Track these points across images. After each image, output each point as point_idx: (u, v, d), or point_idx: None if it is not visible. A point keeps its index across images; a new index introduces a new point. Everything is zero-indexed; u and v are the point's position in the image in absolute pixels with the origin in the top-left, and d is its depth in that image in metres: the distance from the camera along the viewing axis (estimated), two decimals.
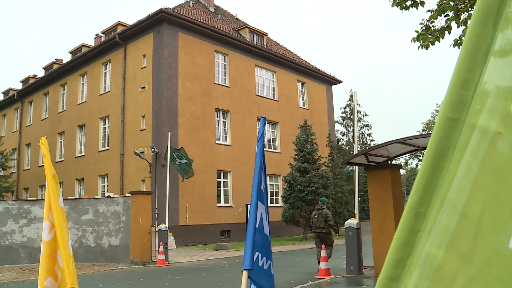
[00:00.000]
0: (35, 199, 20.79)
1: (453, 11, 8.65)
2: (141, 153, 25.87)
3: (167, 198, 22.10)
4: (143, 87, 27.10)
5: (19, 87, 43.82)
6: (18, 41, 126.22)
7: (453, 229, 1.00)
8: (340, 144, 47.97)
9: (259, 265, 3.75)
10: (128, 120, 27.99)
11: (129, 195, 18.17)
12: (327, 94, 38.88)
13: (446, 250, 1.00)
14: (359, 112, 51.52)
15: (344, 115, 53.17)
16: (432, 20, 8.92)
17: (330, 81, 39.17)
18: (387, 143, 11.65)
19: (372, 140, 52.72)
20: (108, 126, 29.90)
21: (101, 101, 30.50)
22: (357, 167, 17.72)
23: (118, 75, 29.21)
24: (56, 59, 40.86)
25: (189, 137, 26.62)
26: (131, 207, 17.62)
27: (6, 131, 42.58)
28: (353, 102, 31.08)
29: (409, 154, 13.32)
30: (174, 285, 12.50)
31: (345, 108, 53.15)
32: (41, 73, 41.90)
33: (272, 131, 32.93)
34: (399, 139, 11.26)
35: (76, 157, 32.33)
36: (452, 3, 8.62)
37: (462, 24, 8.75)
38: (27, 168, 38.43)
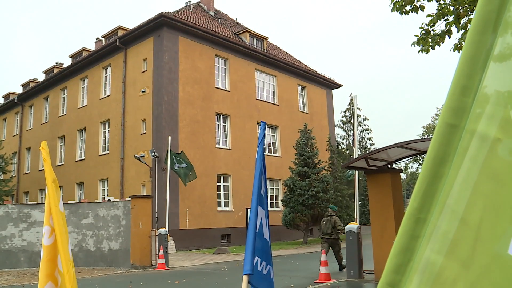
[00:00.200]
0: (35, 203, 20.77)
1: (453, 16, 8.67)
2: (141, 157, 25.88)
3: (167, 202, 22.08)
4: (144, 91, 27.13)
5: (20, 91, 43.89)
6: (18, 45, 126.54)
7: (452, 235, 1.00)
8: (340, 148, 47.97)
9: (258, 270, 3.76)
10: (128, 124, 28.00)
11: (129, 199, 18.14)
12: (327, 98, 38.90)
13: (446, 256, 1.01)
14: (359, 116, 51.56)
15: (344, 119, 53.24)
16: (432, 24, 8.94)
17: (330, 85, 39.20)
18: (387, 147, 11.65)
19: (372, 144, 52.77)
20: (108, 130, 29.91)
21: (102, 105, 30.52)
22: (357, 171, 17.71)
23: (118, 79, 29.25)
24: (56, 63, 40.90)
25: (189, 141, 26.63)
26: (131, 211, 17.61)
27: (6, 135, 42.60)
28: (353, 106, 31.12)
29: (409, 158, 13.30)
30: None
31: (345, 112, 53.23)
32: (41, 77, 41.98)
33: (272, 135, 32.94)
34: (399, 143, 11.26)
35: (76, 161, 32.33)
36: (452, 8, 8.64)
37: (462, 28, 8.77)
38: (27, 172, 38.41)
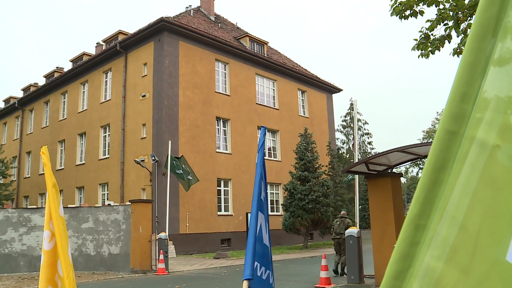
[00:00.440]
0: (35, 207, 20.77)
1: (452, 21, 8.69)
2: (142, 161, 25.88)
3: (167, 206, 22.03)
4: (144, 96, 27.16)
5: (20, 95, 43.99)
6: (19, 49, 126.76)
7: (452, 241, 1.01)
8: (340, 152, 47.96)
9: (258, 275, 3.76)
10: (128, 128, 28.02)
11: (129, 203, 18.13)
12: (327, 102, 38.93)
13: (445, 262, 1.01)
14: (359, 120, 51.60)
15: (344, 123, 53.27)
16: (431, 29, 8.96)
17: (330, 89, 39.24)
18: (387, 151, 11.65)
19: (372, 148, 52.81)
20: (108, 134, 29.93)
21: (102, 110, 30.55)
22: (357, 175, 17.70)
23: (118, 84, 29.28)
24: (57, 67, 40.98)
25: (190, 146, 26.63)
26: (131, 215, 17.59)
27: (6, 139, 42.63)
28: (353, 110, 31.13)
29: (410, 162, 13.31)
30: None
31: (345, 116, 53.28)
32: (42, 81, 42.04)
33: (272, 140, 32.95)
34: (399, 148, 11.27)
35: (76, 165, 32.33)
36: (451, 13, 8.66)
37: (461, 33, 8.79)
38: (27, 176, 38.41)
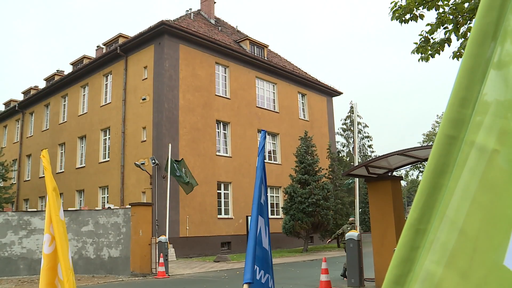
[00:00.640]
0: (35, 210, 20.75)
1: (452, 24, 8.71)
2: (142, 164, 25.87)
3: (168, 209, 22.04)
4: (144, 99, 27.18)
5: (21, 98, 44.01)
6: (20, 52, 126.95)
7: (452, 246, 1.01)
8: (340, 155, 47.90)
9: (257, 279, 3.77)
10: (128, 131, 28.03)
11: (130, 206, 18.13)
12: (327, 105, 38.96)
13: (445, 267, 1.01)
14: (359, 123, 51.56)
15: (344, 126, 53.16)
16: (431, 32, 8.97)
17: (330, 92, 39.28)
18: (387, 154, 11.66)
19: (372, 151, 52.66)
20: (108, 137, 29.93)
21: (102, 113, 30.57)
22: (357, 178, 17.70)
23: (119, 87, 29.31)
24: (57, 71, 41.04)
25: (190, 149, 26.64)
26: (131, 218, 17.58)
27: (7, 142, 42.65)
28: (353, 113, 31.15)
29: (410, 165, 13.31)
30: None
31: (345, 119, 53.16)
32: (42, 85, 42.08)
33: (272, 143, 32.95)
34: (399, 151, 11.27)
35: (76, 168, 32.33)
36: (451, 16, 8.67)
37: (461, 37, 8.80)
38: (28, 179, 38.40)
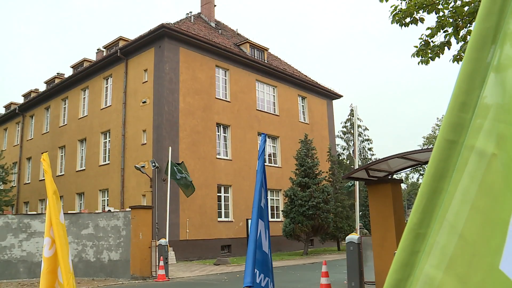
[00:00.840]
0: (35, 213, 20.74)
1: (452, 27, 8.72)
2: (142, 167, 25.86)
3: (168, 212, 22.01)
4: (144, 102, 27.19)
5: (21, 101, 44.06)
6: (20, 55, 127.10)
7: (451, 250, 1.01)
8: (340, 158, 47.94)
9: (257, 282, 3.77)
10: (129, 134, 28.04)
11: (130, 209, 18.11)
12: (327, 108, 38.98)
13: (444, 271, 1.01)
14: (359, 126, 51.60)
15: (344, 129, 53.27)
16: (431, 36, 8.99)
17: (330, 95, 39.30)
18: (387, 157, 11.64)
19: (372, 154, 52.75)
20: (109, 140, 29.94)
21: (102, 115, 30.58)
22: (357, 181, 17.68)
23: (119, 90, 29.33)
24: (58, 74, 41.07)
25: (190, 152, 26.64)
26: (131, 221, 17.57)
27: (7, 145, 42.66)
28: (353, 116, 31.17)
29: (410, 168, 13.30)
30: None
31: (345, 122, 53.28)
32: (42, 87, 42.12)
33: (272, 146, 32.95)
34: (399, 154, 11.25)
35: (76, 171, 32.32)
36: (451, 20, 8.69)
37: (461, 40, 8.82)
38: (28, 182, 38.39)
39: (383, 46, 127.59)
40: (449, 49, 8.94)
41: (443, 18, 8.75)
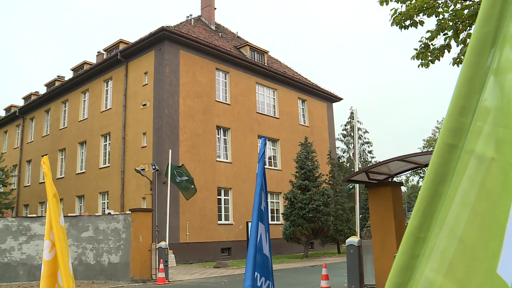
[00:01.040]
0: (35, 216, 20.71)
1: (452, 30, 8.73)
2: (142, 170, 25.86)
3: (168, 215, 22.00)
4: (144, 105, 27.20)
5: (21, 103, 44.07)
6: (20, 58, 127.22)
7: (451, 254, 1.01)
8: (340, 161, 47.93)
9: (257, 285, 3.77)
10: (129, 137, 28.04)
11: (130, 212, 18.11)
12: (327, 111, 39.00)
13: (444, 275, 1.01)
14: (359, 129, 51.61)
15: (344, 132, 53.25)
16: (431, 38, 9.00)
17: (330, 98, 39.33)
18: (387, 160, 11.65)
19: (373, 157, 52.71)
20: (109, 143, 29.94)
21: (102, 118, 30.59)
22: (358, 184, 17.68)
23: (119, 92, 29.35)
24: (58, 76, 41.10)
25: (190, 155, 26.63)
26: (131, 224, 17.56)
27: (7, 147, 42.67)
28: (353, 119, 31.18)
29: (410, 171, 13.30)
30: None
31: (345, 125, 53.26)
32: (43, 90, 42.14)
33: (272, 149, 32.95)
34: (399, 157, 11.26)
35: (76, 174, 32.32)
36: (451, 23, 8.70)
37: (461, 43, 8.83)
38: (28, 184, 38.38)
39: (383, 49, 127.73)
40: (449, 52, 8.95)
41: (443, 21, 8.76)
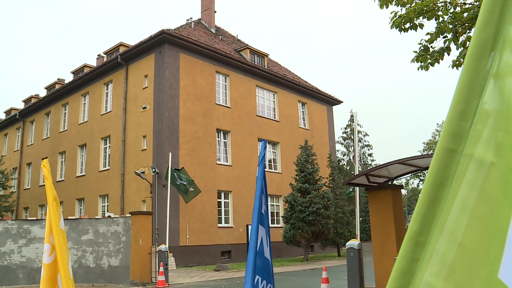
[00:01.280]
0: (35, 218, 20.69)
1: (451, 33, 8.74)
2: (142, 173, 25.85)
3: (168, 218, 22.02)
4: (144, 108, 27.22)
5: (21, 106, 44.10)
6: (21, 61, 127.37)
7: (451, 258, 1.02)
8: (341, 164, 47.93)
9: None
10: (129, 140, 28.04)
11: (130, 215, 18.09)
12: (327, 114, 39.02)
13: (444, 280, 1.02)
14: (359, 132, 51.61)
15: (344, 135, 53.26)
16: (431, 41, 9.00)
17: (330, 101, 39.35)
18: (388, 163, 11.64)
19: (373, 160, 52.73)
20: (109, 146, 29.94)
21: (102, 121, 30.60)
22: (358, 187, 17.66)
23: (119, 95, 29.37)
24: (58, 79, 41.14)
25: (190, 158, 26.63)
26: (131, 227, 17.55)
27: (7, 150, 42.67)
28: (353, 122, 31.20)
29: (410, 174, 13.30)
30: None
31: (345, 128, 53.27)
32: (43, 93, 42.19)
33: (273, 152, 32.95)
34: (399, 160, 11.25)
35: (76, 177, 32.30)
36: (450, 26, 8.71)
37: (460, 46, 8.83)
38: (28, 187, 38.36)
39: (383, 52, 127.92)
40: (448, 54, 8.95)
41: (442, 23, 8.77)
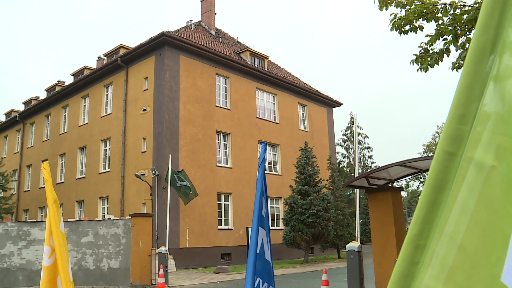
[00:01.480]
0: (35, 221, 20.69)
1: (451, 35, 8.75)
2: (142, 175, 25.85)
3: (168, 220, 21.99)
4: (145, 110, 27.23)
5: (21, 108, 44.14)
6: (21, 63, 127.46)
7: (451, 261, 1.02)
8: (341, 166, 47.92)
9: None
10: (129, 142, 28.04)
11: (130, 217, 18.07)
12: (327, 116, 39.02)
13: (444, 283, 1.01)
14: (359, 134, 51.62)
15: (344, 137, 53.28)
16: (430, 43, 9.02)
17: (330, 103, 39.35)
18: (387, 165, 11.64)
19: (373, 162, 52.74)
20: (109, 148, 29.94)
21: (103, 123, 30.61)
22: (358, 189, 17.65)
23: (119, 97, 29.38)
24: (58, 81, 41.17)
25: (190, 160, 26.63)
26: (131, 229, 17.53)
27: (7, 152, 42.66)
28: (353, 124, 31.21)
29: (410, 176, 13.29)
30: None
31: (345, 130, 53.30)
32: (43, 95, 42.20)
33: (273, 154, 32.95)
34: (399, 162, 11.25)
35: (76, 179, 32.30)
36: (450, 28, 8.72)
37: (460, 47, 8.84)
38: (27, 189, 38.34)
39: (383, 54, 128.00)
40: (448, 56, 8.96)
41: (442, 25, 8.78)
